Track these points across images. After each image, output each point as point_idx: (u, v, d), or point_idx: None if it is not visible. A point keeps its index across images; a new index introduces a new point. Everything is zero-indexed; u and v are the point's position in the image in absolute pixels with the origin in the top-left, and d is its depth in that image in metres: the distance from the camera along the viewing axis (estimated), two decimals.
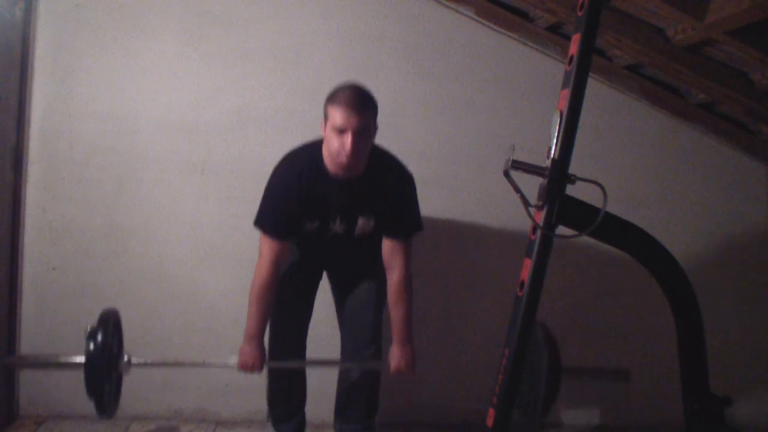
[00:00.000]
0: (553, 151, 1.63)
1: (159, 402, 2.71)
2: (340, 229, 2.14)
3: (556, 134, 1.62)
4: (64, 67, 2.62)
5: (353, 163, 1.97)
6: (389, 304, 2.20)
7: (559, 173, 1.62)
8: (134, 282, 2.63)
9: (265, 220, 2.11)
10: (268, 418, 2.41)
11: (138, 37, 2.63)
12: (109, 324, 2.02)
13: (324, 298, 2.38)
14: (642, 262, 1.78)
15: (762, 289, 2.94)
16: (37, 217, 2.64)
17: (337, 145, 1.94)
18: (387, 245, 2.16)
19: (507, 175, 1.62)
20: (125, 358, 2.09)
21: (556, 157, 1.62)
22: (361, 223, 2.13)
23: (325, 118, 1.99)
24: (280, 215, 2.09)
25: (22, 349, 2.66)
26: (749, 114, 2.64)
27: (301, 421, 2.35)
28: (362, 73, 2.41)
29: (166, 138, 2.66)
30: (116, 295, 2.59)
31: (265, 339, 2.29)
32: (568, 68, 1.66)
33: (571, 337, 2.51)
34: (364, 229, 2.14)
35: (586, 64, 1.63)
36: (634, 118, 2.84)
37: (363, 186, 2.07)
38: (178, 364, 2.35)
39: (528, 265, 1.67)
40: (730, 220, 2.93)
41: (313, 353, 2.35)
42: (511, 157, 1.62)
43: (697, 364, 1.79)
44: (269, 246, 2.10)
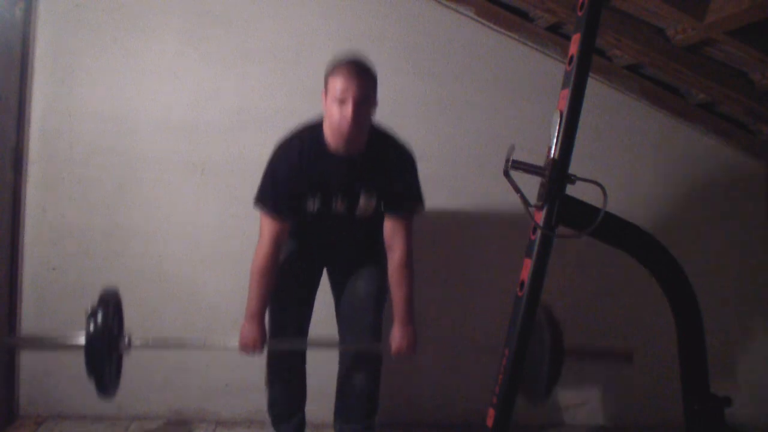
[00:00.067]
0: (553, 151, 1.63)
1: (159, 402, 2.72)
2: (342, 207, 2.11)
3: (556, 134, 1.62)
4: (64, 67, 2.62)
5: (354, 133, 1.96)
6: (390, 284, 2.18)
7: (559, 173, 1.62)
8: (134, 282, 2.63)
9: (266, 198, 2.09)
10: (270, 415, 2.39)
11: (138, 37, 2.64)
12: (110, 304, 2.01)
13: (324, 299, 2.38)
14: (642, 262, 1.78)
15: (762, 289, 2.94)
16: (37, 217, 2.64)
17: (338, 116, 1.93)
18: (388, 224, 2.14)
19: (507, 175, 1.62)
20: (126, 339, 2.08)
21: (556, 157, 1.62)
22: (363, 201, 2.11)
23: (326, 90, 1.99)
24: (281, 193, 2.07)
25: (23, 353, 2.67)
26: (749, 114, 2.64)
27: (301, 421, 2.35)
28: None
29: (166, 138, 2.66)
30: None
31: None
32: (568, 68, 1.66)
33: (571, 337, 2.51)
34: (366, 209, 2.12)
35: (586, 64, 1.63)
36: (634, 118, 2.84)
37: (364, 162, 2.07)
38: (178, 345, 2.33)
39: (528, 265, 1.67)
40: (730, 220, 2.93)
41: (313, 353, 2.35)
42: (511, 157, 1.62)
43: (697, 364, 1.79)
44: (269, 225, 2.09)
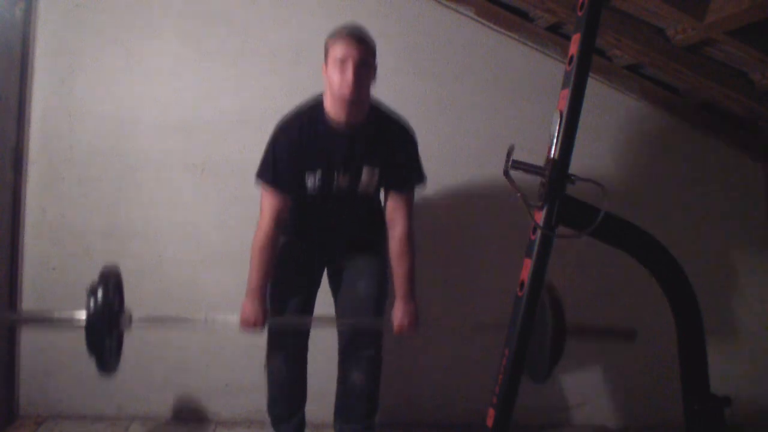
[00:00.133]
0: (553, 151, 1.63)
1: (159, 402, 2.71)
2: (344, 183, 2.11)
3: (556, 134, 1.62)
4: (64, 67, 2.62)
5: (355, 97, 1.97)
6: (392, 259, 2.18)
7: (559, 173, 1.62)
8: (134, 282, 2.62)
9: (266, 172, 2.10)
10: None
11: (138, 37, 2.64)
12: (110, 281, 2.00)
13: (324, 299, 2.38)
14: (642, 262, 1.78)
15: (762, 289, 2.94)
16: (37, 217, 2.64)
17: (339, 78, 1.95)
18: (389, 199, 2.16)
19: (507, 175, 1.62)
20: (126, 316, 2.07)
21: (556, 157, 1.62)
22: (366, 175, 2.10)
23: (326, 57, 2.02)
24: (281, 167, 2.08)
25: (23, 350, 2.67)
26: (749, 114, 2.64)
27: (301, 421, 2.35)
28: None
29: (166, 138, 2.66)
30: None
31: (266, 333, 2.28)
32: (568, 68, 1.66)
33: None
34: (368, 184, 2.12)
35: (586, 64, 1.63)
36: (634, 118, 2.84)
37: (365, 134, 2.08)
38: (179, 320, 2.32)
39: (528, 265, 1.67)
40: (730, 220, 2.92)
41: (314, 354, 2.35)
42: (511, 157, 1.62)
43: (697, 364, 1.79)
44: (270, 200, 2.10)
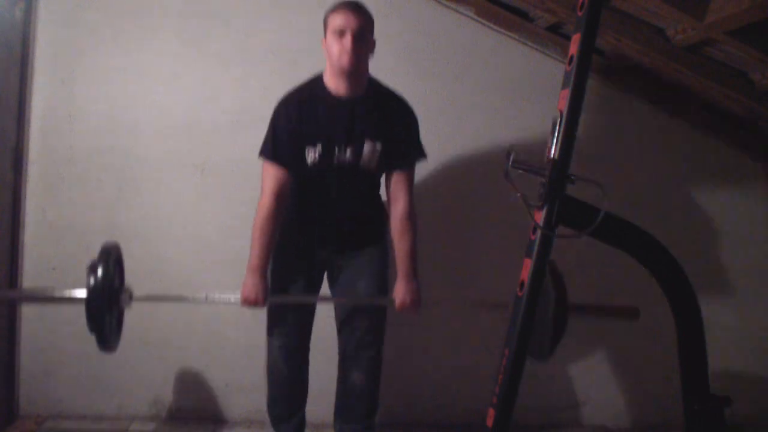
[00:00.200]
0: (553, 151, 1.63)
1: (159, 402, 2.72)
2: (346, 156, 2.10)
3: (556, 134, 1.62)
4: (64, 67, 2.62)
5: (354, 66, 2.00)
6: (393, 237, 2.19)
7: (559, 173, 1.62)
8: (134, 282, 2.62)
9: (266, 146, 2.13)
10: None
11: (138, 37, 2.64)
12: (111, 257, 1.99)
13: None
14: (642, 262, 1.78)
15: (762, 289, 2.94)
16: (37, 217, 2.64)
17: (338, 48, 1.99)
18: (390, 177, 2.17)
19: (507, 175, 1.62)
20: (127, 292, 2.07)
21: (556, 157, 1.62)
22: (368, 149, 2.11)
23: (325, 30, 2.05)
24: (281, 140, 2.10)
25: (23, 349, 2.67)
26: (749, 114, 2.64)
27: (301, 422, 2.35)
28: None
29: (166, 138, 2.66)
30: None
31: (267, 337, 2.28)
32: (568, 68, 1.66)
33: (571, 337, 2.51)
34: (371, 158, 2.12)
35: (586, 64, 1.63)
36: (634, 118, 2.84)
37: (366, 106, 2.10)
38: (180, 299, 2.32)
39: (528, 265, 1.67)
40: (730, 220, 2.92)
41: (314, 354, 2.35)
42: (511, 157, 1.62)
43: (697, 364, 1.79)
44: (271, 175, 2.11)
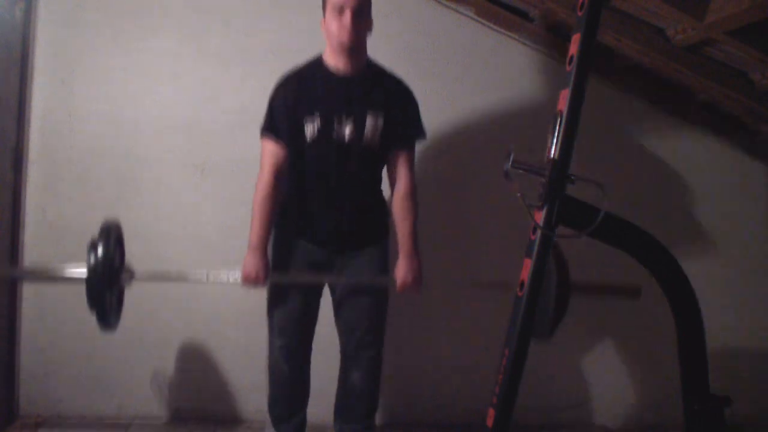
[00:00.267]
0: (553, 151, 1.63)
1: (159, 402, 2.71)
2: (345, 132, 2.09)
3: (556, 134, 1.62)
4: (64, 67, 2.62)
5: (354, 42, 2.02)
6: (394, 216, 2.20)
7: (559, 173, 1.62)
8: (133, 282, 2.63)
9: (264, 123, 2.14)
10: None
11: (138, 37, 2.64)
12: (111, 236, 1.99)
13: (323, 300, 2.37)
14: (642, 262, 1.78)
15: (762, 289, 2.94)
16: (37, 217, 2.64)
17: (337, 26, 2.02)
18: (391, 157, 2.18)
19: (507, 175, 1.62)
20: (127, 270, 2.07)
21: (556, 157, 1.62)
22: (370, 124, 2.10)
23: (324, 8, 2.07)
24: (279, 114, 2.11)
25: (23, 349, 2.67)
26: (749, 114, 2.64)
27: (302, 422, 2.34)
28: None
29: (166, 138, 2.66)
30: None
31: (268, 339, 2.28)
32: (568, 68, 1.66)
33: (571, 337, 2.51)
34: (372, 135, 2.11)
35: (586, 64, 1.63)
36: (634, 118, 2.84)
37: (365, 83, 2.11)
38: (180, 278, 2.31)
39: (528, 265, 1.67)
40: (730, 220, 2.92)
41: (314, 354, 2.34)
42: (511, 157, 1.62)
43: (697, 364, 1.79)
44: (269, 151, 2.12)
